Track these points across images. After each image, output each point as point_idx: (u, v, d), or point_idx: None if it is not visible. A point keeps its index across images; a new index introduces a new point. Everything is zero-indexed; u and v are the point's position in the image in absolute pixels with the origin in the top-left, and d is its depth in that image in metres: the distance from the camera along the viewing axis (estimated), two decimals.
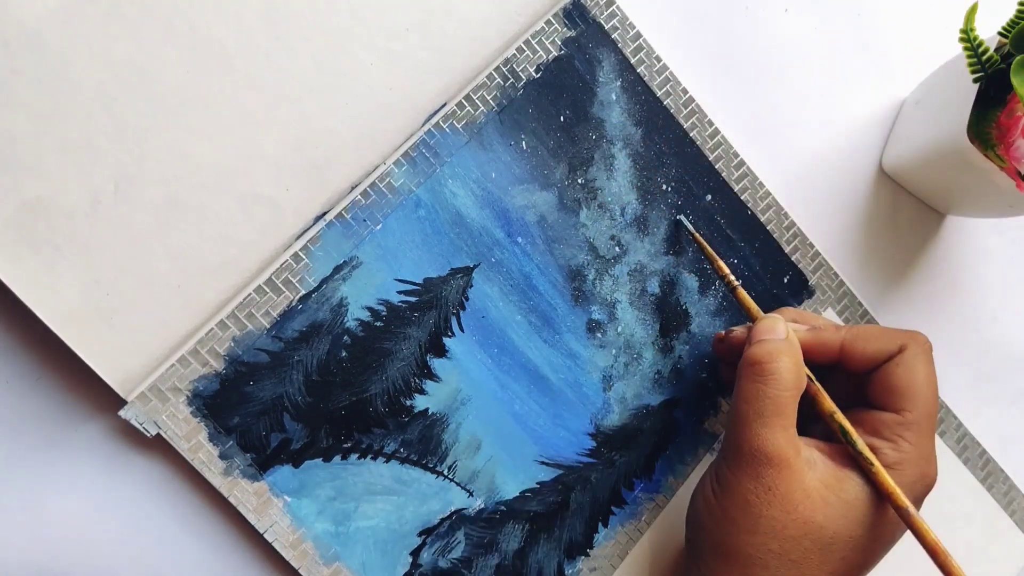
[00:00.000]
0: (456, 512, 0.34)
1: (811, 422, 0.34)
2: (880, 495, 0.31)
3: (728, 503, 0.31)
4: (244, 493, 0.31)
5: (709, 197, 0.38)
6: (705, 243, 0.36)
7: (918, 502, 0.32)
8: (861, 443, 0.31)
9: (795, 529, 0.30)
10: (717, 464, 0.33)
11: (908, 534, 0.31)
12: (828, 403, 0.32)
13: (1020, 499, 0.43)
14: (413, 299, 0.33)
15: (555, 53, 0.35)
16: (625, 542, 0.37)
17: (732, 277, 0.35)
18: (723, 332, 0.36)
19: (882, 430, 0.32)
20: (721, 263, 0.36)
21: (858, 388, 0.34)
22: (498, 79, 0.34)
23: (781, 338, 0.32)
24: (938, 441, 0.42)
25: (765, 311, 0.35)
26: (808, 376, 0.32)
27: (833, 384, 0.34)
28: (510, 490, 0.35)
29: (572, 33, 0.35)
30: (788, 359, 0.31)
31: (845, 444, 0.32)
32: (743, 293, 0.35)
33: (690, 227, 0.37)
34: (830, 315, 0.40)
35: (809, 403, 0.33)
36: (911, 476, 0.31)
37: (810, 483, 0.30)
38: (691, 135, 0.37)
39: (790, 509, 0.30)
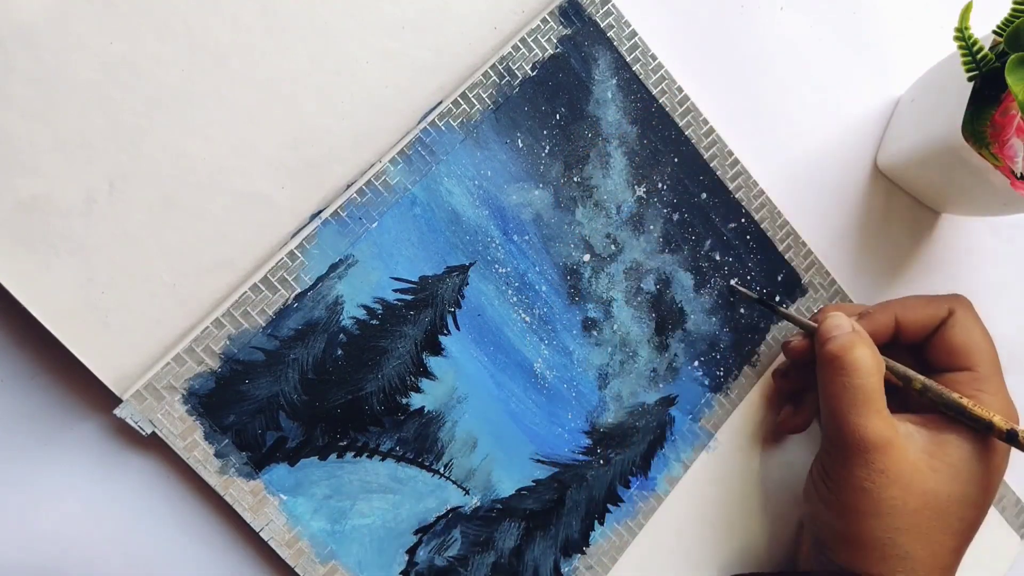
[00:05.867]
0: (452, 510, 0.34)
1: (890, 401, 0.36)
2: (982, 444, 0.32)
3: (846, 495, 0.32)
4: (240, 491, 0.31)
5: (704, 195, 0.38)
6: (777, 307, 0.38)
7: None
8: (950, 393, 0.33)
9: (914, 502, 0.31)
10: (822, 461, 0.34)
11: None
12: (910, 372, 0.34)
13: (1010, 495, 0.44)
14: (409, 297, 0.33)
15: (551, 51, 0.35)
16: (621, 540, 0.37)
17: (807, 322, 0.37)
18: (786, 341, 0.38)
19: (962, 390, 0.33)
20: (801, 320, 0.37)
21: (914, 359, 0.36)
22: (494, 77, 0.34)
23: (849, 331, 0.33)
24: None
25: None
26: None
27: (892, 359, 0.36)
28: (506, 488, 0.35)
29: (568, 31, 0.35)
30: (863, 346, 0.33)
31: (935, 409, 0.33)
32: (790, 312, 0.37)
33: (745, 290, 0.38)
34: None
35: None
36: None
37: (915, 456, 0.32)
38: (686, 133, 0.37)
39: (904, 485, 0.31)
